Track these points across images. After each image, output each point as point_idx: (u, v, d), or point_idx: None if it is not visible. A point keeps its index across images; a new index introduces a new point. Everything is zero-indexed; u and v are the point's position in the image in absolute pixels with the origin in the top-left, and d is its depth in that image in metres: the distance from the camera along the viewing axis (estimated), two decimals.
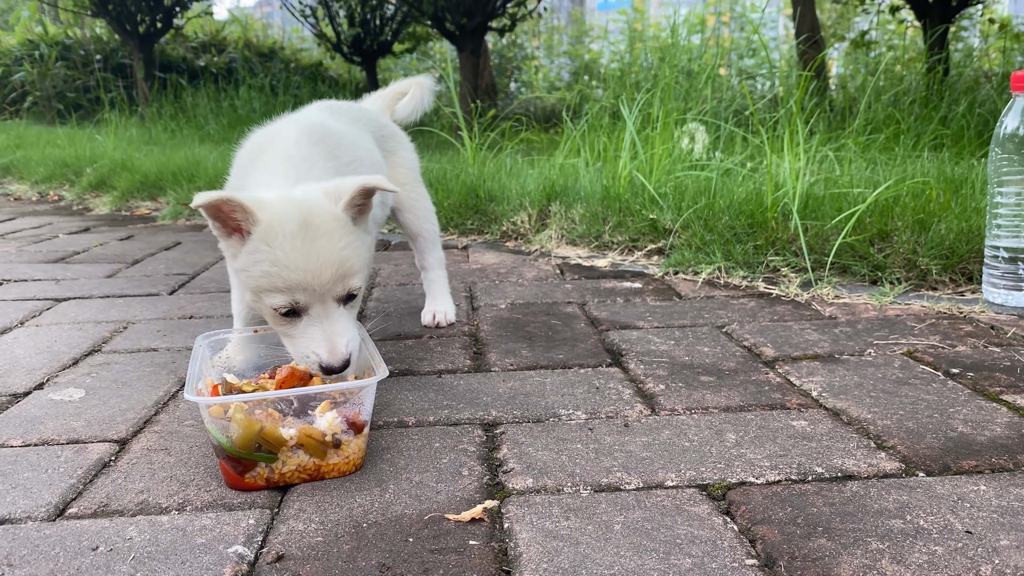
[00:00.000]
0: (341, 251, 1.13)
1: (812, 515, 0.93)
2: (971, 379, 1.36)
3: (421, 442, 1.15)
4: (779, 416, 1.22)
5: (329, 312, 1.14)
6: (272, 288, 1.11)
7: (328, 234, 1.12)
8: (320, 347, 1.12)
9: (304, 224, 1.12)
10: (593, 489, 1.00)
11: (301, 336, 1.14)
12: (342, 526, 0.93)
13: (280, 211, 1.12)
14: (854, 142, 3.03)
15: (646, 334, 1.66)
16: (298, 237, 1.10)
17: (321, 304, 1.13)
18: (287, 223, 1.11)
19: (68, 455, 1.13)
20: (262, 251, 1.11)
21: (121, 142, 5.38)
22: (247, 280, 1.14)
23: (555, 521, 0.93)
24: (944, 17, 5.34)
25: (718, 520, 0.92)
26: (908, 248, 1.95)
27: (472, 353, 1.56)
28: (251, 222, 1.11)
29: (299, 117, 1.45)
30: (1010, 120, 1.70)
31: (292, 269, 1.10)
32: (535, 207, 2.73)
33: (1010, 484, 0.99)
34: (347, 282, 1.14)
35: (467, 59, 7.15)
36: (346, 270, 1.14)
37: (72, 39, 9.53)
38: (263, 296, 1.13)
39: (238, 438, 1.00)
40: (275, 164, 1.27)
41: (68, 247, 2.86)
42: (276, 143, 1.32)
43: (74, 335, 1.73)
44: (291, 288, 1.11)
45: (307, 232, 1.11)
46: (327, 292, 1.13)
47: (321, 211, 1.14)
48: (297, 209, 1.13)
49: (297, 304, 1.12)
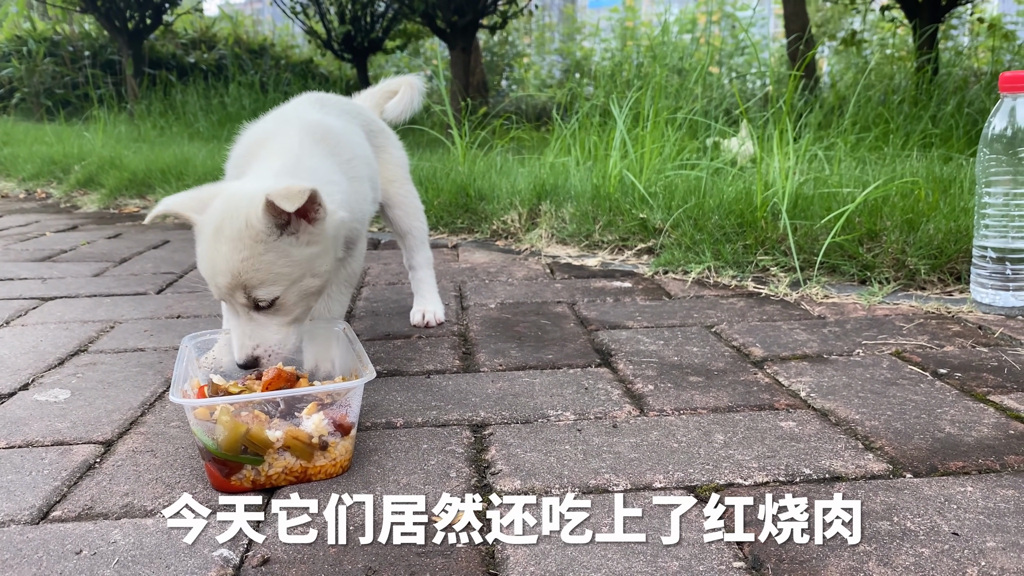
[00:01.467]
0: (241, 261, 1.11)
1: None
2: (959, 379, 1.36)
3: (409, 444, 1.15)
4: (767, 417, 1.22)
5: (241, 313, 1.16)
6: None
7: (232, 241, 1.11)
8: (233, 343, 1.17)
9: (217, 228, 1.13)
10: (581, 491, 1.00)
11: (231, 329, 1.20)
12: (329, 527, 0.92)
13: (212, 211, 1.15)
14: (843, 141, 3.04)
15: (635, 334, 1.66)
16: (208, 241, 1.14)
17: (231, 302, 1.16)
18: (208, 224, 1.14)
19: (52, 457, 1.13)
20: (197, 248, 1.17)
21: (109, 139, 5.35)
22: None
23: (542, 523, 0.92)
24: (934, 16, 5.36)
25: (705, 522, 0.92)
26: (897, 248, 1.96)
27: (461, 353, 1.56)
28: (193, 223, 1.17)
29: (295, 114, 1.43)
30: (998, 120, 1.71)
31: (200, 266, 1.16)
32: (525, 206, 2.72)
33: (997, 485, 0.99)
34: (253, 292, 1.13)
35: (458, 57, 7.13)
36: (245, 280, 1.11)
37: (60, 35, 9.47)
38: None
39: (224, 440, 0.99)
40: (278, 159, 1.25)
41: (55, 245, 2.84)
42: (276, 142, 1.30)
43: (60, 335, 1.72)
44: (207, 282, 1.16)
45: (216, 236, 1.13)
46: (228, 295, 1.14)
47: (236, 216, 1.11)
48: (219, 212, 1.14)
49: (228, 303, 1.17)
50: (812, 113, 3.30)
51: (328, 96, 1.65)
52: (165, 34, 9.62)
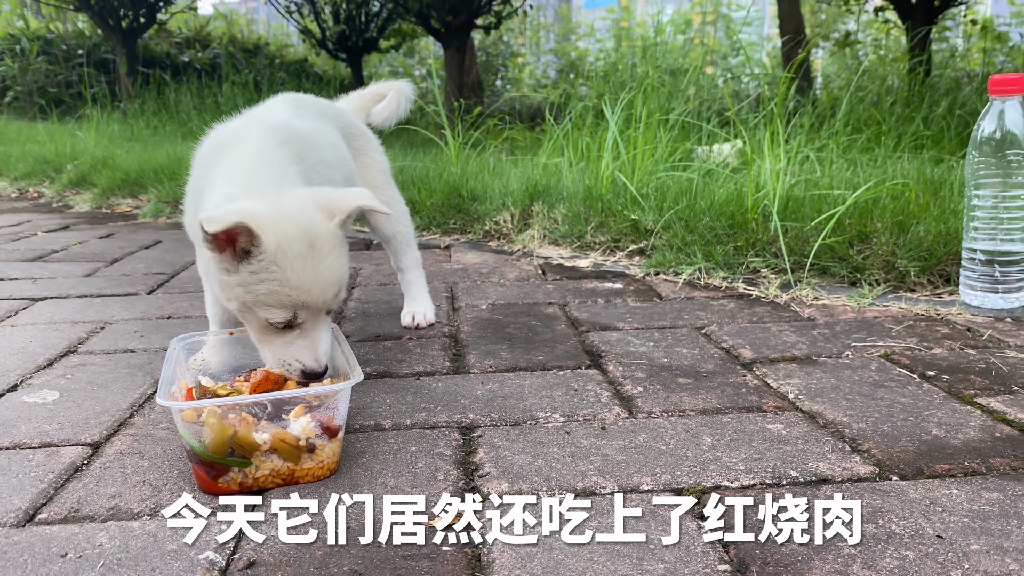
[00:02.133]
0: (340, 268, 1.18)
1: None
2: (946, 382, 1.37)
3: (397, 446, 1.15)
4: (755, 419, 1.22)
5: (319, 324, 1.17)
6: (276, 304, 1.13)
7: (331, 253, 1.16)
8: (305, 355, 1.15)
9: (311, 245, 1.14)
10: (569, 494, 1.00)
11: (286, 345, 1.16)
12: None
13: (285, 231, 1.12)
14: (835, 143, 3.05)
15: (626, 335, 1.66)
16: (307, 258, 1.13)
17: (314, 317, 1.17)
18: (295, 243, 1.12)
19: (40, 459, 1.12)
20: (271, 271, 1.11)
21: (102, 138, 5.34)
22: (244, 295, 1.14)
23: (529, 526, 0.92)
24: (927, 18, 5.38)
25: (692, 525, 0.92)
26: (887, 250, 1.96)
27: (451, 355, 1.56)
28: (255, 243, 1.11)
29: (262, 115, 1.42)
30: (987, 124, 1.72)
31: (302, 290, 1.13)
32: (518, 207, 2.72)
33: (982, 488, 1.00)
34: (340, 295, 1.20)
35: (452, 56, 7.13)
36: (343, 285, 1.19)
37: (54, 33, 9.44)
38: (259, 310, 1.14)
39: (211, 443, 0.99)
40: (241, 165, 1.25)
41: (46, 245, 2.83)
42: (241, 143, 1.29)
43: (50, 336, 1.71)
44: (296, 306, 1.14)
45: (314, 253, 1.14)
46: (324, 307, 1.17)
47: (323, 231, 1.16)
48: (301, 229, 1.14)
49: (297, 320, 1.15)
50: (805, 115, 3.31)
51: (305, 97, 1.65)
52: (159, 33, 9.60)
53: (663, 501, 0.97)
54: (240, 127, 1.37)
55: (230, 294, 1.15)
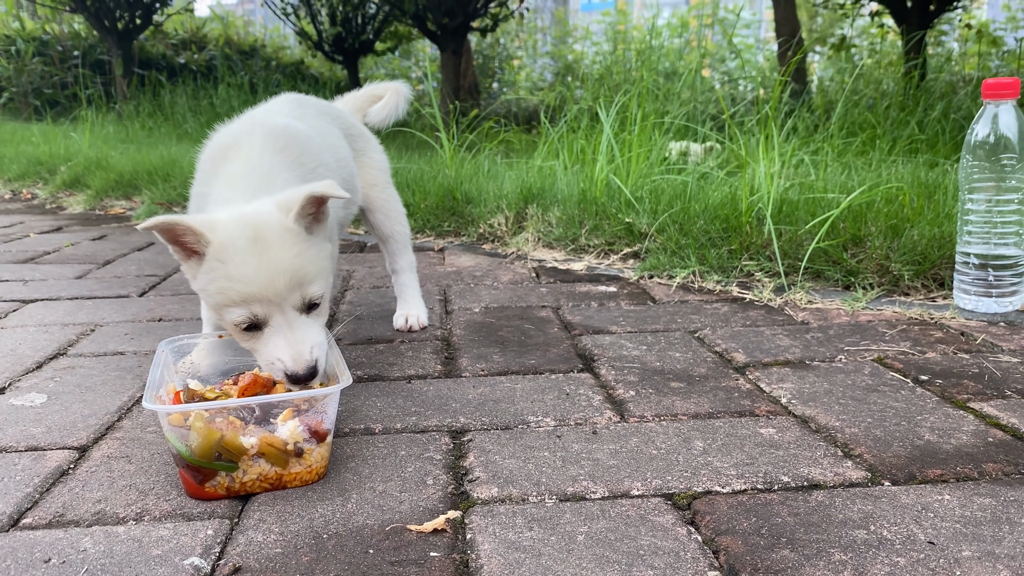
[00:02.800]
0: (292, 259, 1.13)
1: (776, 525, 0.92)
2: (939, 386, 1.36)
3: (387, 450, 1.14)
4: (747, 423, 1.22)
5: (290, 321, 1.13)
6: (230, 303, 1.12)
7: (278, 244, 1.12)
8: (284, 354, 1.11)
9: (254, 237, 1.12)
10: (558, 498, 0.99)
11: (265, 347, 1.13)
12: (302, 537, 0.92)
13: (231, 228, 1.12)
14: (830, 146, 3.05)
15: (619, 339, 1.65)
16: (248, 251, 1.11)
17: (281, 314, 1.13)
18: (237, 239, 1.12)
19: (26, 463, 1.11)
20: (216, 268, 1.11)
21: (97, 140, 5.32)
22: (207, 299, 1.15)
23: (518, 532, 0.92)
24: (922, 22, 5.39)
25: (682, 530, 0.92)
26: (881, 254, 1.96)
27: (443, 358, 1.55)
28: (203, 243, 1.11)
29: (263, 118, 1.42)
30: (980, 127, 1.71)
31: (245, 281, 1.10)
32: (512, 209, 2.72)
33: (974, 493, 0.99)
34: (304, 290, 1.14)
35: (449, 59, 7.13)
36: (300, 278, 1.13)
37: (50, 35, 9.42)
38: (223, 312, 1.13)
39: (198, 447, 0.98)
40: (238, 177, 1.25)
41: (38, 247, 2.82)
42: (240, 151, 1.29)
43: (39, 338, 1.70)
44: (247, 300, 1.11)
45: (256, 244, 1.11)
46: (284, 301, 1.13)
47: (271, 223, 1.14)
48: (247, 224, 1.13)
49: (256, 317, 1.12)
50: (800, 118, 3.31)
51: (307, 98, 1.65)
52: (155, 34, 9.58)
53: (654, 506, 0.97)
54: (240, 131, 1.36)
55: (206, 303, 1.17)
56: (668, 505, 0.97)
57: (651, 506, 0.97)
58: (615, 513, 0.95)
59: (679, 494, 1.00)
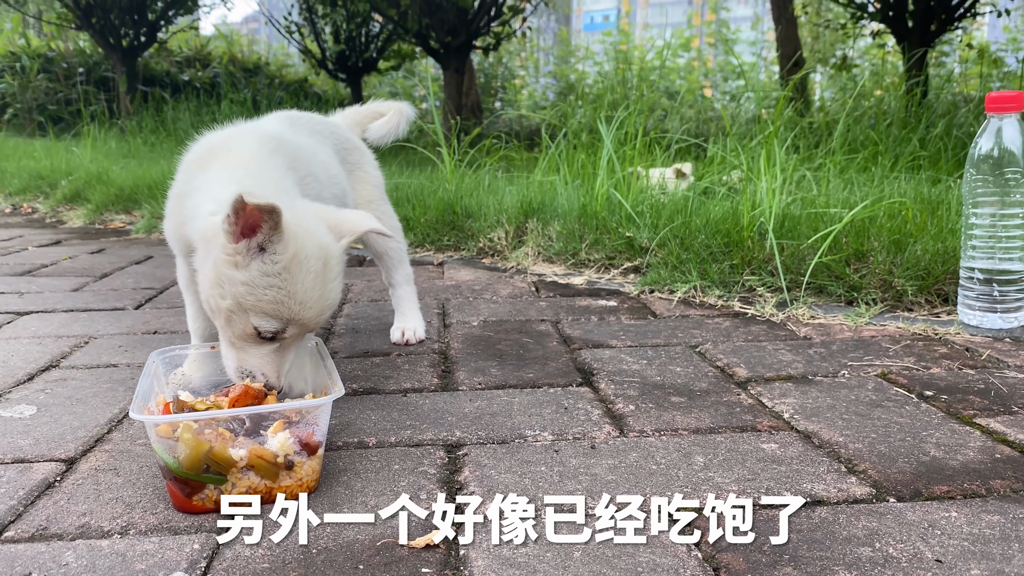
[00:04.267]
0: (339, 292, 1.17)
1: (778, 542, 0.90)
2: (945, 402, 1.34)
3: (380, 464, 1.11)
4: (749, 439, 1.19)
5: (298, 342, 1.16)
6: (273, 314, 1.10)
7: (337, 277, 1.16)
8: (270, 369, 1.13)
9: (325, 263, 1.13)
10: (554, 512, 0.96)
11: (257, 356, 1.12)
12: (290, 552, 0.89)
13: (304, 243, 1.10)
14: (832, 162, 3.04)
15: (619, 353, 1.63)
16: (320, 277, 1.12)
17: (299, 336, 1.15)
18: (312, 259, 1.11)
19: (11, 475, 1.09)
20: (282, 277, 1.08)
21: (98, 155, 5.33)
22: (246, 295, 1.08)
23: (512, 548, 0.89)
24: (923, 41, 5.40)
25: (682, 547, 0.89)
26: (884, 269, 1.94)
27: (440, 371, 1.53)
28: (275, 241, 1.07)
29: (252, 126, 1.41)
30: (984, 141, 1.70)
31: (305, 306, 1.11)
32: (512, 224, 2.70)
33: (982, 511, 0.96)
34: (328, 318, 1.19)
35: (451, 77, 7.15)
36: (334, 309, 1.19)
37: (55, 51, 9.48)
38: (253, 315, 1.09)
39: (185, 459, 0.96)
40: (240, 168, 1.23)
41: (36, 260, 2.80)
42: (233, 150, 1.28)
43: (32, 350, 1.68)
44: (291, 320, 1.11)
45: (325, 272, 1.13)
46: (313, 327, 1.16)
47: (334, 251, 1.16)
48: (318, 245, 1.13)
49: (283, 333, 1.12)
50: (802, 135, 3.30)
51: (300, 113, 1.63)
52: (160, 52, 9.64)
53: (653, 521, 0.94)
54: (230, 135, 1.35)
55: (228, 292, 1.08)
56: (663, 520, 0.95)
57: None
58: (608, 528, 0.93)
59: (679, 509, 0.97)
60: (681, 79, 9.89)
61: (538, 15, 11.61)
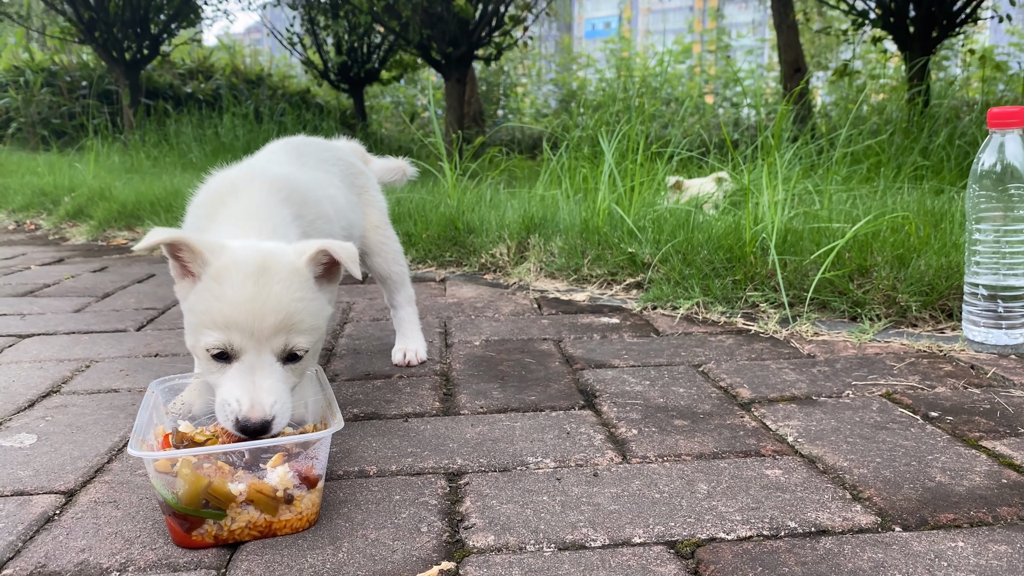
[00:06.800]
0: (292, 302, 1.09)
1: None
2: (950, 423, 1.32)
3: (381, 494, 1.10)
4: (753, 464, 1.18)
5: (263, 363, 1.07)
6: (212, 324, 1.06)
7: (283, 282, 1.09)
8: (243, 396, 1.04)
9: (261, 267, 1.09)
10: (557, 547, 0.96)
11: (227, 383, 1.06)
12: None
13: (240, 254, 1.10)
14: (834, 174, 3.03)
15: (621, 373, 1.62)
16: (251, 278, 1.07)
17: (256, 353, 1.07)
18: (244, 264, 1.08)
19: (11, 509, 1.08)
20: (211, 289, 1.08)
21: (101, 170, 5.34)
22: (192, 319, 1.10)
23: None
24: (925, 48, 5.39)
25: None
26: (888, 284, 1.93)
27: (442, 395, 1.52)
28: (201, 263, 1.09)
29: (262, 167, 1.38)
30: (987, 156, 1.69)
31: (235, 306, 1.05)
32: (514, 239, 2.70)
33: (989, 540, 0.95)
34: (291, 337, 1.09)
35: (453, 87, 7.16)
36: (292, 324, 1.08)
37: (58, 65, 9.51)
38: (201, 334, 1.08)
39: (184, 494, 0.95)
40: (242, 220, 1.22)
41: (39, 279, 2.80)
42: (240, 197, 1.26)
43: (34, 375, 1.68)
44: (229, 326, 1.05)
45: (262, 275, 1.08)
46: (265, 341, 1.07)
47: (282, 260, 1.11)
48: (259, 254, 1.10)
49: (231, 346, 1.06)
50: (803, 145, 3.29)
51: (306, 142, 1.63)
52: (162, 64, 9.67)
53: (656, 555, 0.93)
54: (240, 177, 1.32)
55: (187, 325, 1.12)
56: (671, 554, 0.94)
57: (653, 555, 0.94)
58: (615, 563, 0.92)
59: (682, 542, 0.97)
60: (682, 86, 9.90)
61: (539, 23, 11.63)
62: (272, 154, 1.55)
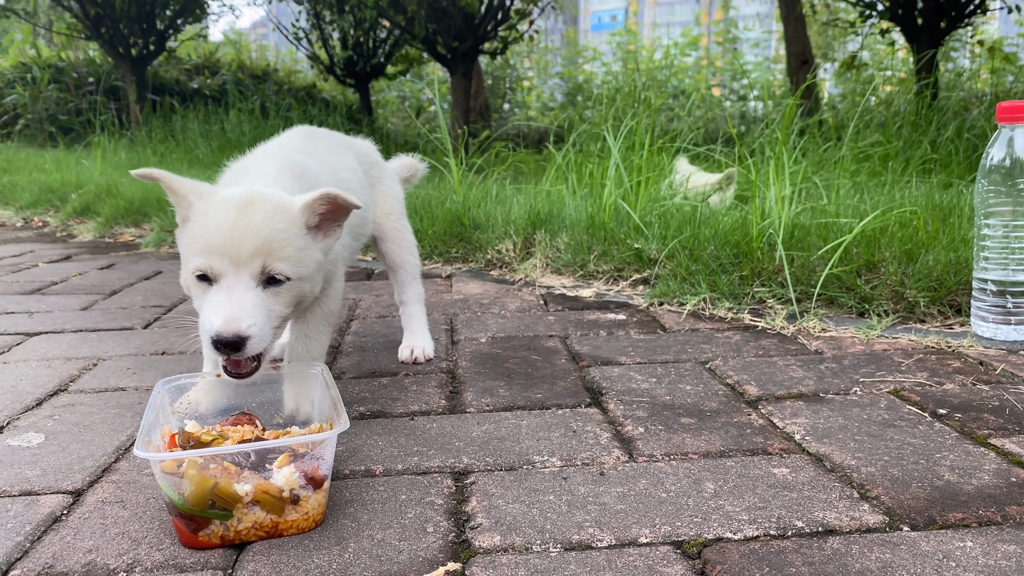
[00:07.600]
0: (272, 231, 1.13)
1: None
2: (959, 420, 1.32)
3: (387, 494, 1.10)
4: (760, 463, 1.18)
5: (240, 282, 1.11)
6: (195, 251, 1.12)
7: (267, 213, 1.13)
8: (217, 315, 1.09)
9: (248, 201, 1.14)
10: (563, 547, 0.96)
11: (206, 305, 1.12)
12: None
13: (232, 192, 1.16)
14: (842, 168, 3.01)
15: (628, 370, 1.62)
16: (235, 208, 1.12)
17: (235, 275, 1.11)
18: (233, 198, 1.14)
19: (18, 509, 1.09)
20: (199, 221, 1.14)
21: (108, 166, 5.35)
22: (183, 253, 1.18)
23: None
24: (933, 40, 5.35)
25: None
26: (896, 279, 1.92)
27: (448, 392, 1.52)
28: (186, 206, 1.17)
29: (274, 151, 1.42)
30: (996, 151, 1.68)
31: (216, 231, 1.11)
32: (520, 235, 2.69)
33: (997, 540, 0.95)
34: (269, 261, 1.13)
35: (459, 82, 7.15)
36: (271, 250, 1.12)
37: (65, 62, 9.53)
38: (187, 264, 1.15)
39: (191, 495, 0.95)
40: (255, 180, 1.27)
41: (46, 277, 2.81)
42: (251, 174, 1.30)
43: (41, 373, 1.68)
44: (210, 250, 1.11)
45: (247, 207, 1.13)
46: (243, 264, 1.11)
47: (273, 198, 1.16)
48: (250, 191, 1.16)
49: (211, 269, 1.12)
50: (811, 138, 3.27)
51: (319, 130, 1.65)
52: (169, 60, 9.68)
53: (663, 555, 0.93)
54: (254, 160, 1.38)
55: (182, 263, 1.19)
56: (678, 554, 0.94)
57: (660, 555, 0.93)
58: (622, 563, 0.92)
59: (689, 542, 0.96)
60: (689, 78, 9.86)
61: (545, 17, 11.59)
62: (285, 139, 1.56)
